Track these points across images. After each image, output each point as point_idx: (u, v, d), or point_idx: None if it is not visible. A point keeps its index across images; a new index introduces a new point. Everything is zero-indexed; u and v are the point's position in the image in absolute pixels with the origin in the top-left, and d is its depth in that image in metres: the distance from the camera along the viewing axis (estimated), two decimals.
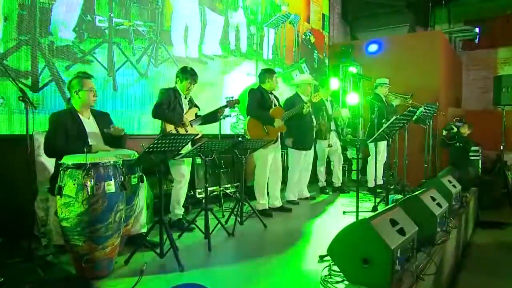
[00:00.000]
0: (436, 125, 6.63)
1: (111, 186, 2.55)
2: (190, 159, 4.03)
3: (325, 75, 8.00)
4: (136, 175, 3.04)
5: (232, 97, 4.37)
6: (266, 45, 7.26)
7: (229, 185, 5.33)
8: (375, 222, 2.38)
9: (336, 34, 9.89)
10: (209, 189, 4.96)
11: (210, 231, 3.38)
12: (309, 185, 6.13)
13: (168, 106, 3.78)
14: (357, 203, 3.33)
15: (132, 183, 3.00)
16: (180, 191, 3.89)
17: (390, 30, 9.69)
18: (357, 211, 3.38)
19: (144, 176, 3.17)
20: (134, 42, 4.72)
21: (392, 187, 4.86)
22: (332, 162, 6.39)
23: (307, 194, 5.61)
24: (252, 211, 3.99)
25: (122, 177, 2.69)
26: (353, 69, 7.63)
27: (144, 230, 3.27)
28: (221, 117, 4.46)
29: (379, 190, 5.34)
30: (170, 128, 3.78)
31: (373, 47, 7.94)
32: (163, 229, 2.86)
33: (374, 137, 3.58)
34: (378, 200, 4.60)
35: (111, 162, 2.61)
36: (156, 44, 5.04)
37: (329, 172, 6.57)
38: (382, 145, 5.75)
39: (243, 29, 6.72)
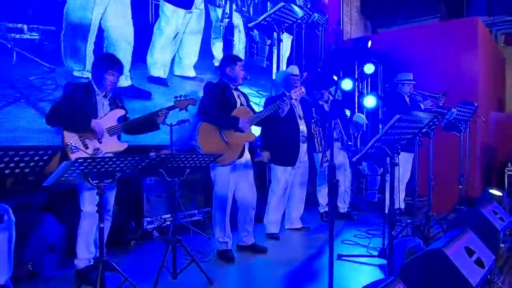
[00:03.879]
0: (473, 132, 5.14)
1: None
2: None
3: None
4: None
5: (186, 96, 3.17)
6: (271, 56, 5.49)
7: (195, 211, 4.13)
8: None
9: (354, 30, 8.64)
10: (163, 217, 3.84)
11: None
12: (307, 209, 4.80)
13: (72, 106, 2.63)
14: (331, 246, 1.95)
15: None
16: (89, 226, 2.68)
17: (417, 24, 8.39)
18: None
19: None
20: None
21: (409, 221, 3.44)
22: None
23: (299, 224, 4.24)
24: (190, 258, 2.70)
25: None
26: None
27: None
28: (172, 123, 3.28)
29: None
30: (70, 138, 2.59)
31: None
32: None
33: (363, 151, 2.20)
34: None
35: None
36: None
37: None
38: (403, 160, 4.29)
39: (238, 33, 5.01)
